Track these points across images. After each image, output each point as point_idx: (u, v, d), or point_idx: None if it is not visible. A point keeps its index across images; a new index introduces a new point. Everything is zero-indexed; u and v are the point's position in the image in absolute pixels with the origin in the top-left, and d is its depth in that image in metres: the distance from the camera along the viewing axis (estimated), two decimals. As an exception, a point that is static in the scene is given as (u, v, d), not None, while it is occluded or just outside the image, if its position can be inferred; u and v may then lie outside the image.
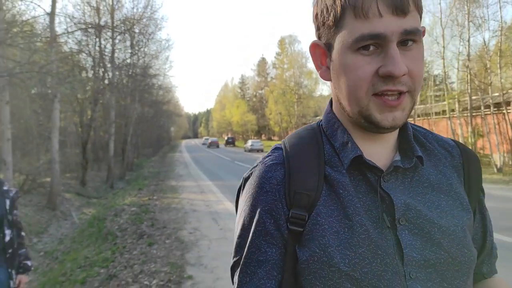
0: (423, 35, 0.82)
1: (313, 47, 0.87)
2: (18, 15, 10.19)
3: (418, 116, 24.73)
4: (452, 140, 0.94)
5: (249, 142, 44.69)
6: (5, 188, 3.06)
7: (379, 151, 0.85)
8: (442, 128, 22.79)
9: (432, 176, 0.85)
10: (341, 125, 0.87)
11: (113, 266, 5.75)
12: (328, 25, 0.80)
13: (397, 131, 0.86)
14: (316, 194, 0.80)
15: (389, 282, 0.74)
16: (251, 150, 41.93)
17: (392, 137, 0.85)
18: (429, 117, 24.46)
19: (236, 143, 68.17)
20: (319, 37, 0.85)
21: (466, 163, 0.89)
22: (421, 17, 0.79)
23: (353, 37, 0.74)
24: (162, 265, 5.57)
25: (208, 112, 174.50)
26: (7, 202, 3.02)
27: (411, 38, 0.74)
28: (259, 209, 0.82)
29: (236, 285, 0.82)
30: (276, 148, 0.90)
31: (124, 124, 22.03)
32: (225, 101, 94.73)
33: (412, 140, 0.84)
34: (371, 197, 0.80)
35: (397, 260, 0.75)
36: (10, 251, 3.04)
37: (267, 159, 0.87)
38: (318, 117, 35.15)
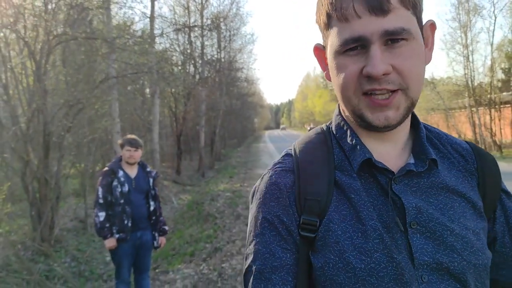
0: (433, 29, 0.83)
1: (316, 50, 0.90)
2: (129, 21, 11.43)
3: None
4: (467, 143, 0.93)
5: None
6: (148, 169, 3.92)
7: (389, 151, 0.84)
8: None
9: (447, 178, 0.83)
10: (349, 127, 0.87)
11: (217, 242, 6.56)
12: (321, 28, 0.82)
13: (407, 131, 0.86)
14: (327, 200, 0.80)
15: (405, 286, 0.74)
16: None
17: (401, 137, 0.85)
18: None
19: (319, 133, 67.91)
20: (322, 40, 0.87)
21: (481, 168, 0.88)
22: (416, 12, 0.76)
23: (339, 41, 0.75)
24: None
25: (290, 102, 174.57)
26: (151, 180, 3.89)
27: (398, 37, 0.73)
28: (270, 215, 0.81)
29: None
30: (287, 155, 0.90)
31: (213, 116, 23.16)
32: (307, 91, 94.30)
33: (425, 143, 0.83)
34: (382, 200, 0.79)
35: (410, 264, 0.75)
36: (154, 218, 3.91)
37: (277, 166, 0.88)
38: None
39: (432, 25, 0.83)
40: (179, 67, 19.79)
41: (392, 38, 0.72)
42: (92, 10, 8.19)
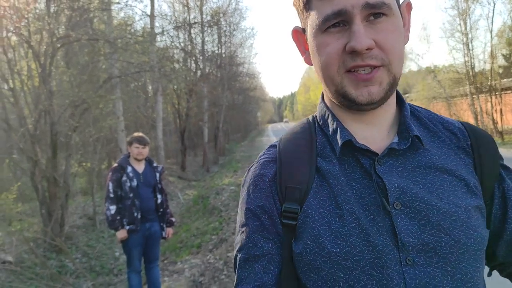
0: (409, 9, 0.84)
1: (295, 33, 0.88)
2: (129, 20, 11.60)
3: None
4: (460, 122, 0.90)
5: None
6: (154, 164, 4.16)
7: (374, 134, 0.83)
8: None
9: (435, 157, 0.82)
10: (331, 112, 0.87)
11: (222, 233, 6.78)
12: (300, 10, 0.82)
13: (391, 112, 0.85)
14: (308, 187, 0.80)
15: (382, 269, 0.73)
16: None
17: (386, 119, 0.84)
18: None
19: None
20: (301, 23, 0.86)
21: (475, 145, 0.85)
22: None
23: (320, 19, 0.75)
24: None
25: (293, 95, 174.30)
26: (157, 175, 4.12)
27: (379, 11, 0.73)
28: (254, 206, 0.84)
29: (235, 281, 0.85)
30: (272, 146, 0.92)
31: (216, 112, 23.33)
32: (310, 83, 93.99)
33: (407, 120, 0.82)
34: (366, 183, 0.79)
35: (391, 246, 0.74)
36: (161, 210, 4.15)
37: (261, 157, 0.90)
38: (406, 94, 33.94)
39: (408, 5, 0.83)
40: (181, 64, 19.94)
41: (373, 12, 0.72)
42: (93, 12, 8.36)
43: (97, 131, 9.72)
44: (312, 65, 0.85)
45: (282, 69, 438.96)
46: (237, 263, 0.84)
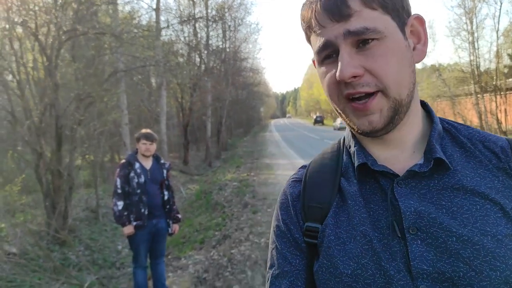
0: (421, 23, 0.79)
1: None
2: (134, 13, 11.59)
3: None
4: (506, 139, 0.82)
5: (338, 121, 41.66)
6: (162, 161, 4.18)
7: (397, 155, 0.81)
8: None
9: (467, 179, 0.76)
10: (353, 133, 0.87)
11: (226, 229, 6.80)
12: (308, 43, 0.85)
13: (414, 132, 0.82)
14: (329, 207, 0.82)
15: None
16: (340, 129, 39.59)
17: (408, 139, 0.81)
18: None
19: (325, 121, 68.17)
20: None
21: None
22: (389, 10, 0.74)
23: (315, 52, 0.78)
24: (268, 228, 6.49)
25: (296, 91, 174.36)
26: (164, 171, 4.14)
27: (365, 37, 0.71)
28: (281, 223, 0.87)
29: None
30: (302, 166, 0.95)
31: (219, 106, 23.33)
32: (313, 79, 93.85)
33: (432, 141, 0.79)
34: (385, 205, 0.77)
35: (404, 272, 0.71)
36: (167, 206, 4.17)
37: (291, 177, 0.94)
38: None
39: (417, 19, 0.79)
40: (185, 58, 19.91)
41: (360, 39, 0.71)
42: (99, 5, 8.35)
43: (101, 124, 9.73)
44: None
45: (285, 64, 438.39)
46: (268, 280, 0.86)
